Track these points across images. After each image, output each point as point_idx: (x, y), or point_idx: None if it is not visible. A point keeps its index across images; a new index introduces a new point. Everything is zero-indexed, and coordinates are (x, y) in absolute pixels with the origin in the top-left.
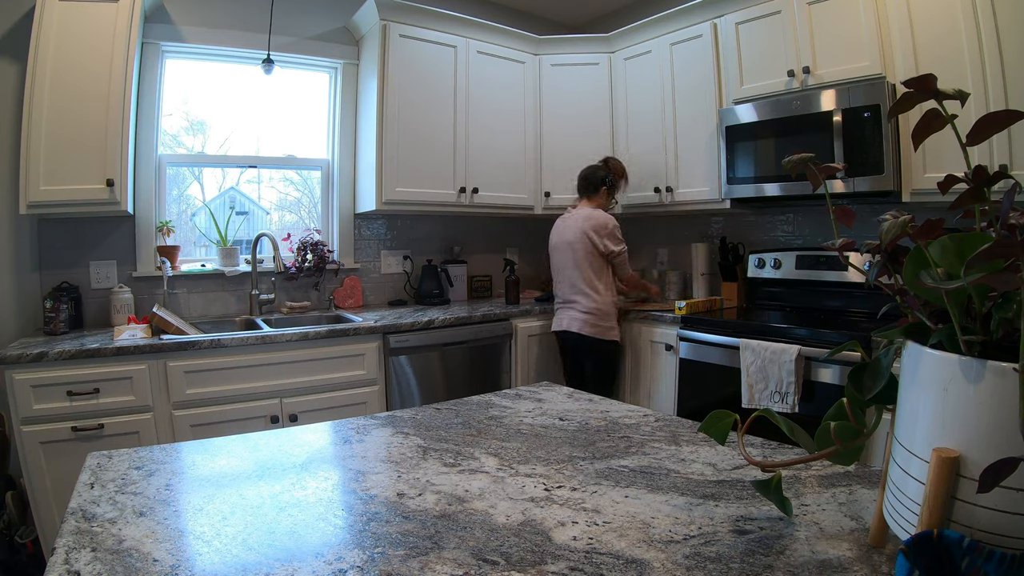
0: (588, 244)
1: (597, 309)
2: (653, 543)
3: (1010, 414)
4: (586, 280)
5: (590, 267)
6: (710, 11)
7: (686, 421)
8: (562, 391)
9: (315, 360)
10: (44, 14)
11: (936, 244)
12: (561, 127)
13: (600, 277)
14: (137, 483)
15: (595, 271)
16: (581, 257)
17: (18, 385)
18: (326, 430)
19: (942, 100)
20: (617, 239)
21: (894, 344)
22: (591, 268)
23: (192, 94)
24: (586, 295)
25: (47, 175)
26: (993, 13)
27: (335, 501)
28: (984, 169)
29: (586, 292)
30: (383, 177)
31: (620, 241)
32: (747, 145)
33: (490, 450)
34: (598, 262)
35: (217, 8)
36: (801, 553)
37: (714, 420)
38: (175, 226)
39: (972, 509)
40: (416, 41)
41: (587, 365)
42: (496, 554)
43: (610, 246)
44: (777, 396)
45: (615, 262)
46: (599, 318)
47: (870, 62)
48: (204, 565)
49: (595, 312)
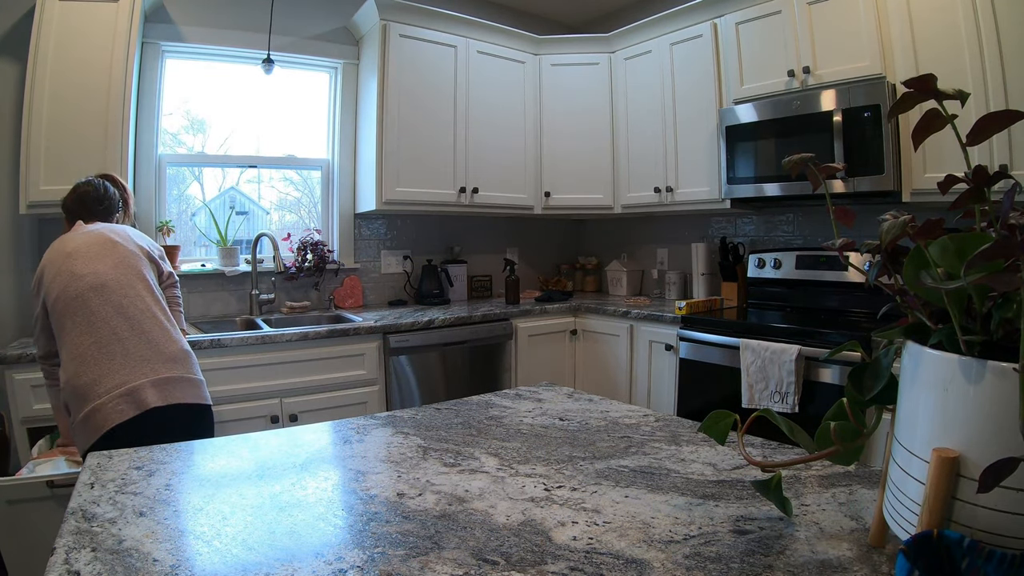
0: (152, 261)
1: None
2: (653, 543)
3: (1010, 414)
4: (165, 315)
5: (156, 295)
6: (710, 11)
7: (686, 421)
8: (562, 391)
9: (315, 360)
10: (44, 14)
11: (936, 244)
12: (561, 127)
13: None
14: (137, 483)
15: (165, 302)
16: (146, 287)
17: (18, 385)
18: (326, 430)
19: (942, 100)
20: (169, 263)
21: (894, 344)
22: (159, 296)
23: (192, 94)
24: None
25: (47, 175)
26: (993, 13)
27: (335, 501)
28: (984, 169)
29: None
30: (383, 177)
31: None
32: (747, 145)
33: (490, 450)
34: (160, 288)
35: (217, 8)
36: (801, 553)
37: (714, 420)
38: (175, 226)
39: (972, 509)
40: (416, 41)
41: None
42: (496, 554)
43: (167, 266)
44: (777, 396)
45: (172, 295)
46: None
47: (870, 62)
48: (204, 565)
49: (194, 361)
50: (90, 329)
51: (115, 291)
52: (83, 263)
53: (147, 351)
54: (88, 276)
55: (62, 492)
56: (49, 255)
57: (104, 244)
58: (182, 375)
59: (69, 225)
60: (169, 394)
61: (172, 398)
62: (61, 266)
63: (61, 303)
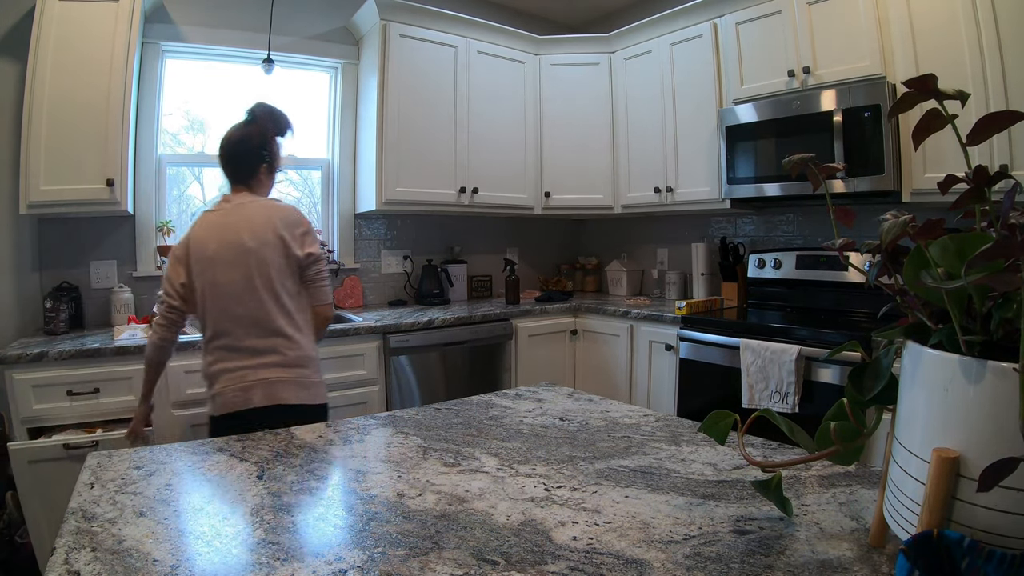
0: (281, 246)
1: (307, 357)
2: (653, 543)
3: (1010, 414)
4: (283, 309)
5: (284, 289)
6: (710, 11)
7: (686, 421)
8: (562, 391)
9: None
10: (44, 14)
11: (936, 244)
12: (561, 127)
13: (300, 302)
14: (137, 483)
15: (291, 295)
16: (273, 272)
17: (18, 385)
18: (326, 430)
19: (942, 100)
20: (316, 240)
21: (894, 344)
22: (286, 291)
23: (192, 94)
24: (285, 335)
25: (47, 175)
26: (993, 13)
27: (335, 501)
28: (984, 169)
29: (283, 330)
30: (383, 177)
31: (320, 244)
32: (747, 145)
33: (490, 450)
34: (292, 274)
35: (217, 8)
36: (801, 553)
37: (714, 420)
38: (175, 226)
39: (972, 509)
40: (416, 41)
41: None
42: (496, 554)
43: (308, 248)
44: (777, 396)
45: (310, 275)
46: (315, 370)
47: (870, 62)
48: (204, 565)
49: (305, 360)
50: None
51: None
52: (222, 271)
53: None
54: (226, 285)
55: (76, 453)
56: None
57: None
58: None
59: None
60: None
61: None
62: (204, 268)
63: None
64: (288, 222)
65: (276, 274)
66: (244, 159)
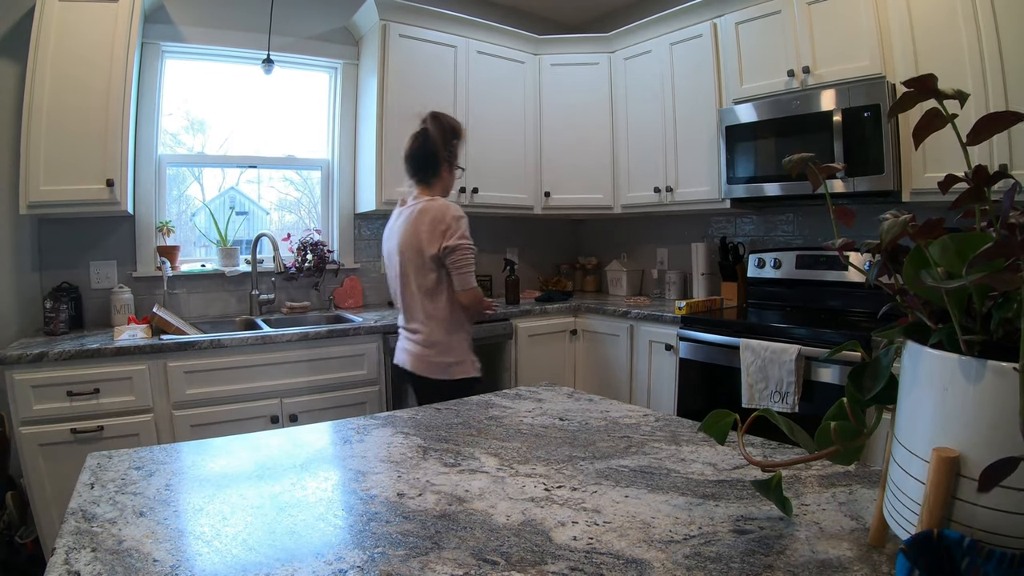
0: (417, 246)
1: (432, 340)
2: (653, 543)
3: (1010, 414)
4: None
5: (415, 281)
6: (710, 11)
7: (686, 421)
8: (562, 391)
9: (315, 360)
10: (44, 14)
11: (936, 244)
12: (561, 127)
13: (434, 294)
14: (137, 483)
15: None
16: (410, 267)
17: (18, 385)
18: (326, 430)
19: (942, 100)
20: (457, 232)
21: (894, 344)
22: (418, 282)
23: (192, 94)
24: (419, 319)
25: (47, 175)
26: (993, 13)
27: (335, 501)
28: (984, 169)
29: (417, 316)
30: (383, 177)
31: (462, 235)
32: (747, 145)
33: (490, 450)
34: (428, 271)
35: (217, 8)
36: (801, 553)
37: (714, 420)
38: (175, 226)
39: (972, 509)
40: (416, 41)
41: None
42: (496, 554)
43: (446, 242)
44: (777, 396)
45: (450, 262)
46: (439, 351)
47: (870, 62)
48: (204, 565)
49: (431, 343)
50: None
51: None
52: (391, 273)
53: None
54: (391, 280)
55: (83, 437)
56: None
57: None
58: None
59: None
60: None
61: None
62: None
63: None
64: (433, 221)
65: (413, 272)
66: (427, 161)
